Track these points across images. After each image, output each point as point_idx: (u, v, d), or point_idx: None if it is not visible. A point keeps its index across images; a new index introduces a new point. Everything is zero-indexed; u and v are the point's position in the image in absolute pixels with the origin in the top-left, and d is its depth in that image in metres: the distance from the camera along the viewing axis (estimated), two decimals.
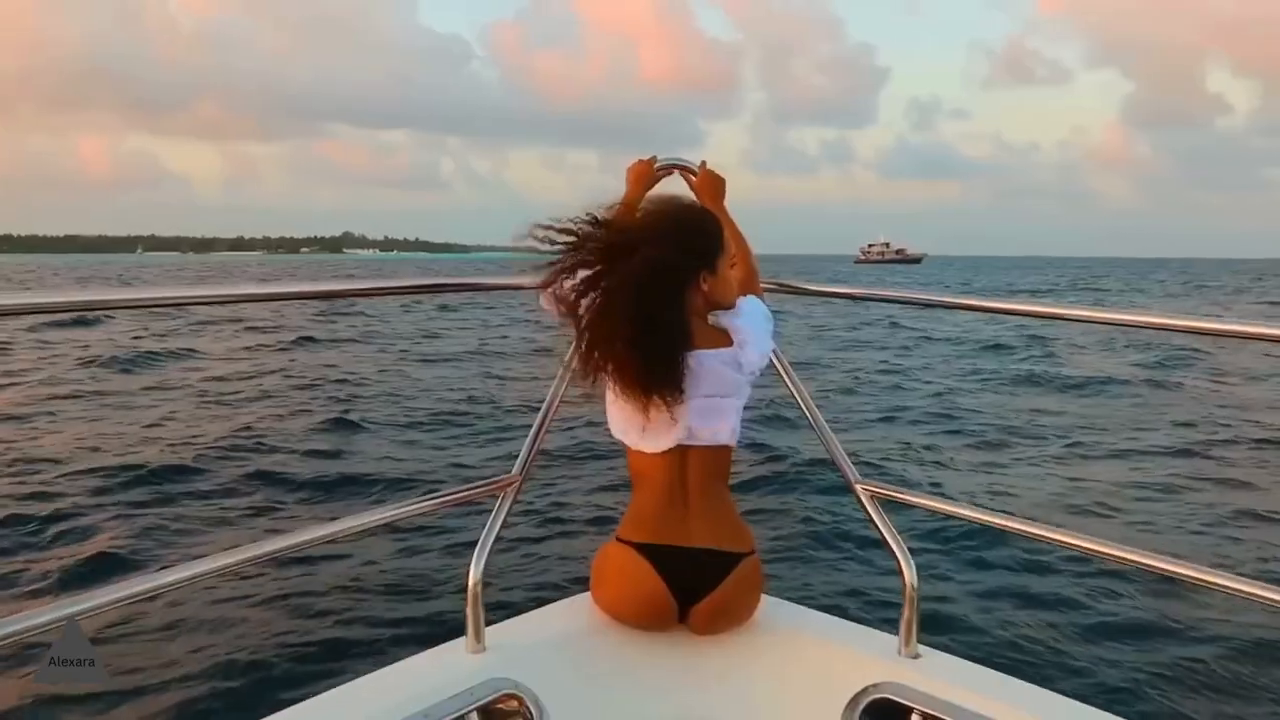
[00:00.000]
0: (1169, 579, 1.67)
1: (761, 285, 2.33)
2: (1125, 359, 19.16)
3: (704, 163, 2.40)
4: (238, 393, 14.02)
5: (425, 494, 2.05)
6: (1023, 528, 1.97)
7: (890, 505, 2.10)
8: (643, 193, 2.32)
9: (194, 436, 10.48)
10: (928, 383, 15.90)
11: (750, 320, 2.11)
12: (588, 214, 2.00)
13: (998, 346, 21.64)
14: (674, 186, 2.40)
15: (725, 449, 2.09)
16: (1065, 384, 15.83)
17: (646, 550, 2.02)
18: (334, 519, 1.82)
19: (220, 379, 15.44)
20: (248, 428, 10.94)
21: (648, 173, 2.37)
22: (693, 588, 2.02)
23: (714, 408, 2.03)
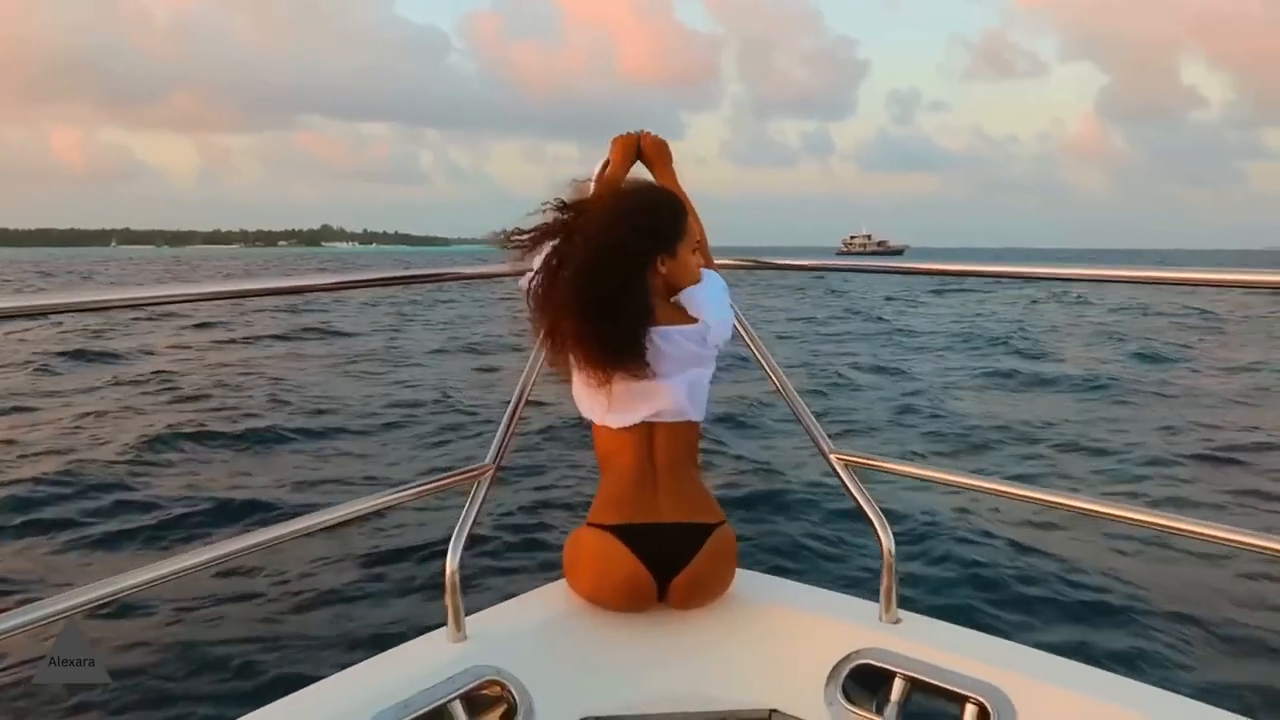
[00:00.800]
0: (1148, 531, 1.69)
1: (720, 261, 2.35)
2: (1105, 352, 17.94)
3: (643, 131, 2.42)
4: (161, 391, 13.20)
5: (399, 485, 2.03)
6: (997, 487, 1.98)
7: (865, 473, 2.11)
8: (628, 167, 2.37)
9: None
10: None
11: (707, 292, 2.13)
12: (556, 199, 2.07)
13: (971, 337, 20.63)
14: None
15: (693, 425, 2.12)
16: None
17: (619, 531, 2.03)
18: (306, 513, 1.80)
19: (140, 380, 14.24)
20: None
21: (634, 147, 2.40)
22: (668, 563, 2.03)
23: (679, 382, 2.05)
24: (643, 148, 2.40)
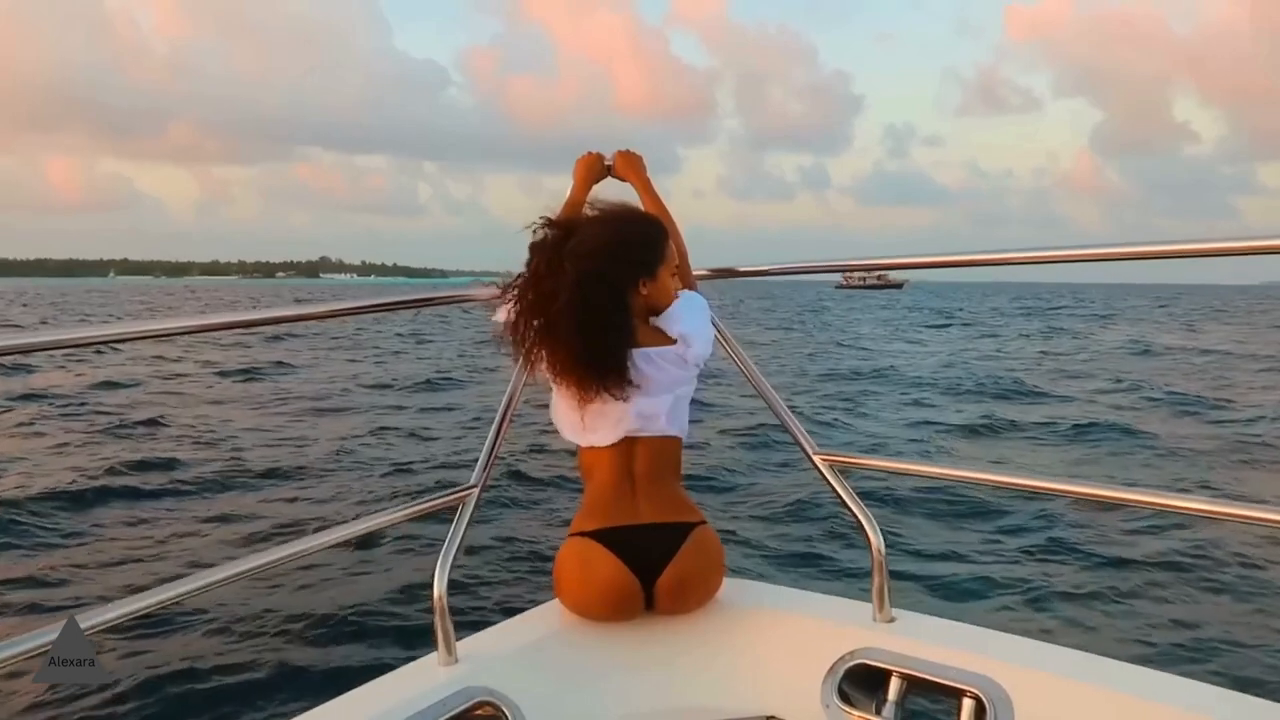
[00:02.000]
0: (1141, 512, 1.70)
1: (695, 273, 2.36)
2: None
3: (617, 151, 2.45)
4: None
5: (382, 509, 2.01)
6: (983, 476, 1.98)
7: (851, 473, 2.10)
8: (588, 187, 2.40)
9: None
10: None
11: (688, 315, 2.16)
12: (543, 218, 2.09)
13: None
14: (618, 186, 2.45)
15: (674, 440, 2.14)
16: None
17: (598, 535, 2.04)
18: (287, 540, 1.77)
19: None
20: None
21: (597, 166, 2.43)
22: (650, 563, 2.03)
23: (659, 402, 2.08)
24: (615, 170, 2.43)
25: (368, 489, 8.90)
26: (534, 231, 2.09)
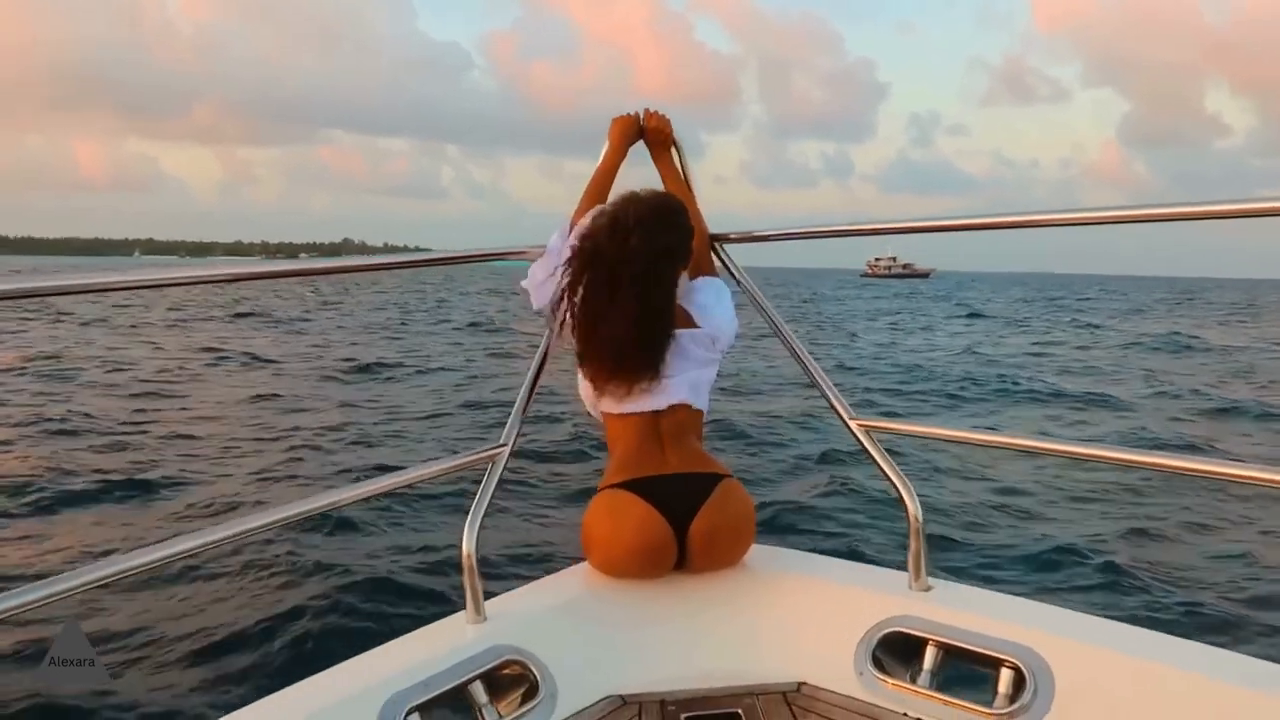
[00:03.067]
0: (1187, 479, 1.64)
1: (714, 235, 2.36)
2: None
3: (646, 110, 2.40)
4: None
5: (412, 466, 2.00)
6: (1023, 442, 1.93)
7: (889, 439, 2.06)
8: (624, 150, 2.38)
9: None
10: None
11: (712, 299, 2.21)
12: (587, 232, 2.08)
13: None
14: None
15: (697, 411, 2.16)
16: None
17: (628, 485, 2.03)
18: (316, 495, 1.77)
19: None
20: None
21: (633, 129, 2.39)
22: (681, 511, 2.01)
23: (683, 381, 2.11)
24: (645, 131, 2.39)
25: None
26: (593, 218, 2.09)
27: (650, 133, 2.38)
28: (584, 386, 2.15)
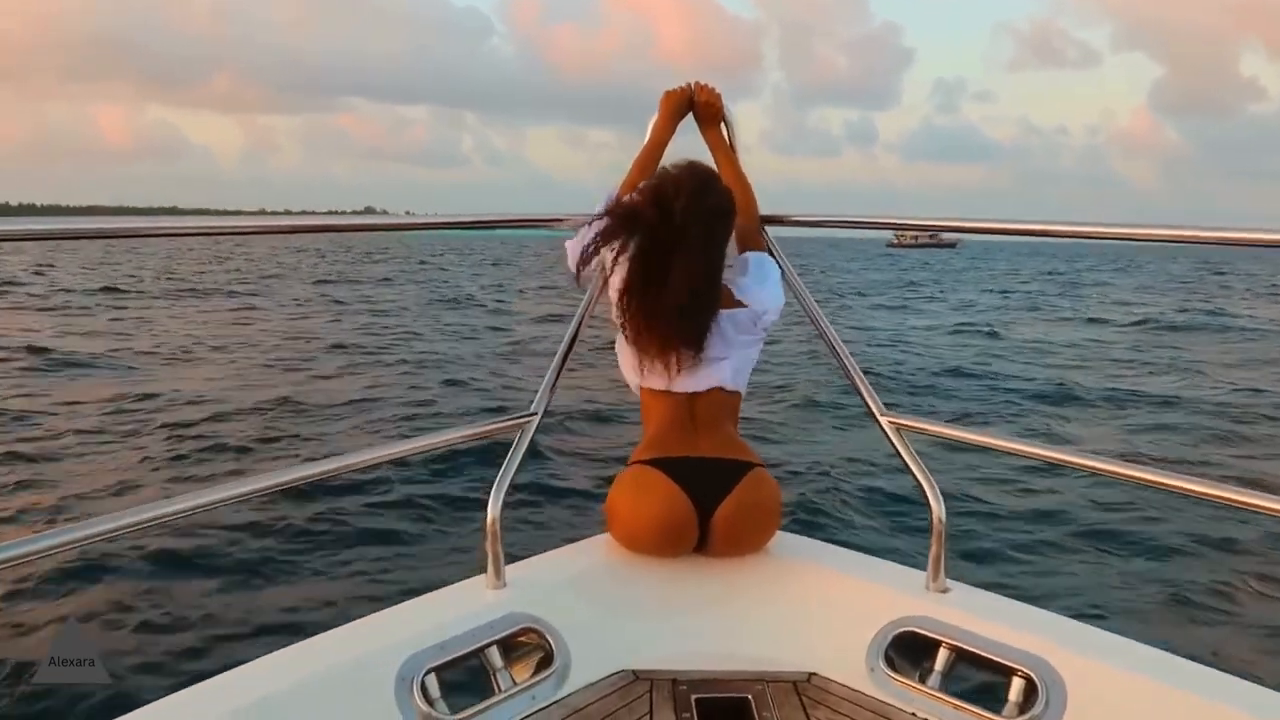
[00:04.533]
0: (1218, 506, 1.61)
1: (765, 218, 2.33)
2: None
3: (697, 84, 2.36)
4: None
5: (441, 430, 2.03)
6: (1055, 455, 1.91)
7: (917, 438, 2.05)
8: (676, 122, 2.35)
9: None
10: None
11: (760, 279, 2.18)
12: (633, 194, 2.09)
13: None
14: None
15: (735, 394, 2.16)
16: None
17: (657, 463, 2.04)
18: (346, 454, 1.80)
19: None
20: None
21: (685, 104, 2.35)
22: (707, 495, 2.02)
23: (727, 366, 2.11)
24: (696, 105, 2.36)
25: None
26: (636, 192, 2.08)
27: (701, 107, 2.35)
28: (624, 357, 2.15)
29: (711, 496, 2.01)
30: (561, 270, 2.15)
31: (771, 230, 2.34)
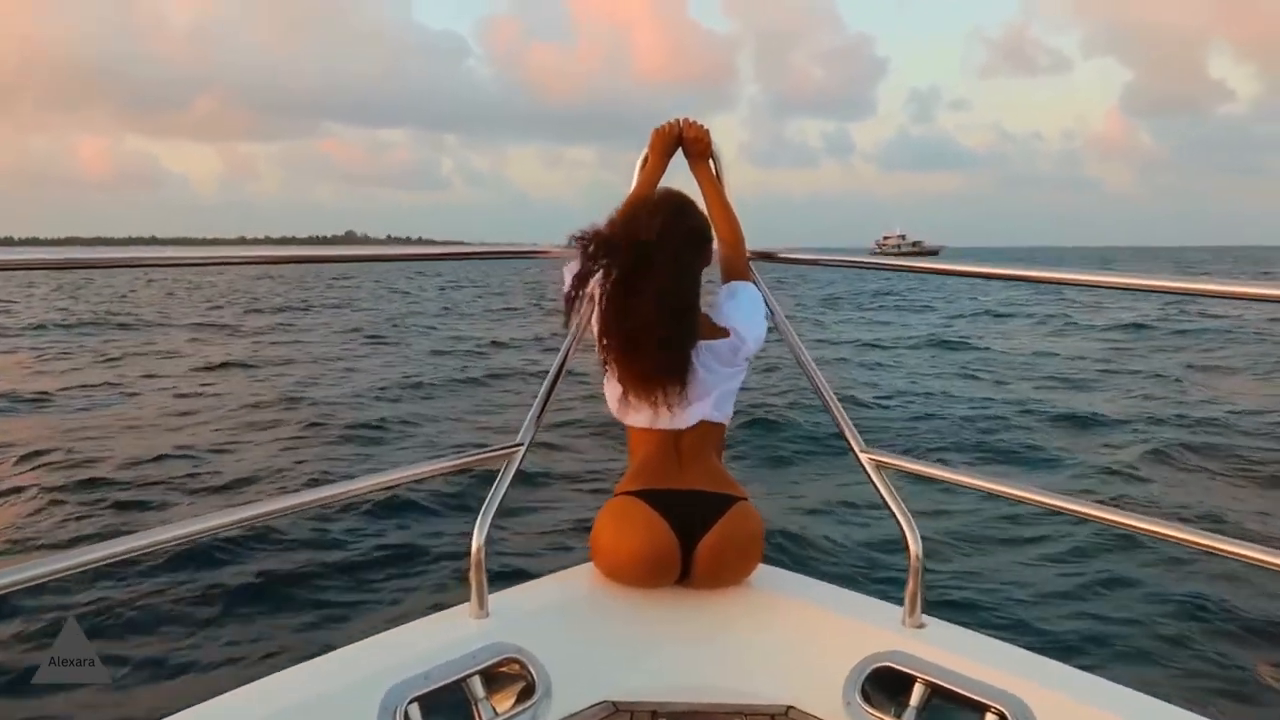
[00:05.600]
0: (1182, 548, 1.65)
1: (749, 253, 2.34)
2: None
3: (686, 120, 2.39)
4: None
5: (428, 460, 2.05)
6: (1032, 496, 1.95)
7: (896, 475, 2.09)
8: (667, 158, 2.36)
9: None
10: None
11: (743, 307, 2.18)
12: (606, 225, 2.07)
13: None
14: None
15: (719, 424, 2.17)
16: None
17: (642, 494, 2.07)
18: (334, 482, 1.82)
19: None
20: None
21: (674, 137, 2.37)
22: (691, 527, 2.04)
23: (711, 396, 2.11)
24: (685, 140, 2.38)
25: None
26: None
27: (689, 143, 2.37)
28: (610, 392, 2.17)
29: (695, 529, 2.04)
30: (552, 295, 2.17)
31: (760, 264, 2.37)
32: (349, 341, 20.68)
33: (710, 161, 2.40)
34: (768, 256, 2.37)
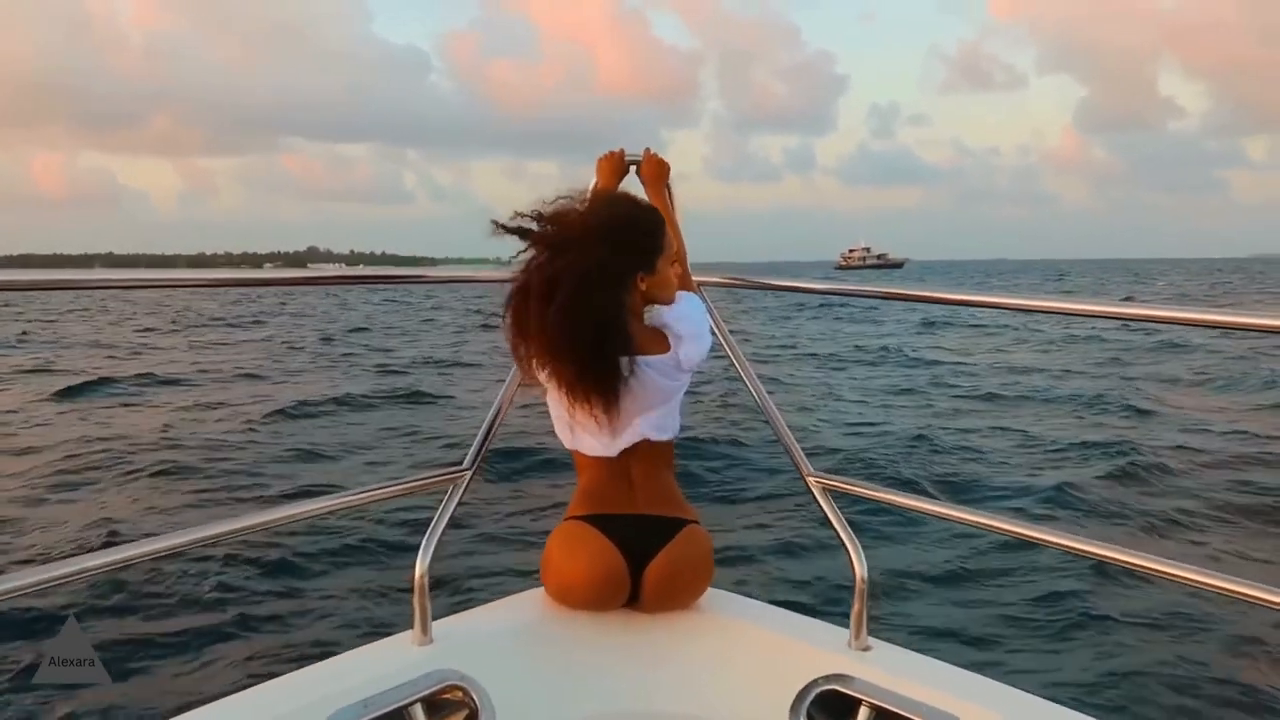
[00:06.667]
0: (1123, 570, 1.68)
1: (699, 280, 2.32)
2: None
3: (647, 150, 2.40)
4: None
5: (372, 485, 2.02)
6: (976, 519, 1.97)
7: (842, 497, 2.10)
8: (615, 184, 2.34)
9: None
10: None
11: (687, 317, 2.13)
12: (533, 210, 2.01)
13: None
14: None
15: (665, 442, 2.15)
16: None
17: (591, 519, 2.06)
18: (277, 505, 1.79)
19: None
20: None
21: (621, 164, 2.37)
22: (640, 551, 2.04)
23: (654, 412, 2.08)
24: (645, 164, 2.37)
25: None
26: (525, 219, 2.01)
27: (651, 164, 2.36)
28: (555, 415, 2.14)
29: (643, 553, 2.03)
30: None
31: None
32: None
33: (666, 188, 2.39)
34: (708, 280, 2.36)
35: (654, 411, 2.09)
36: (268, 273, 1.88)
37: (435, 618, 1.95)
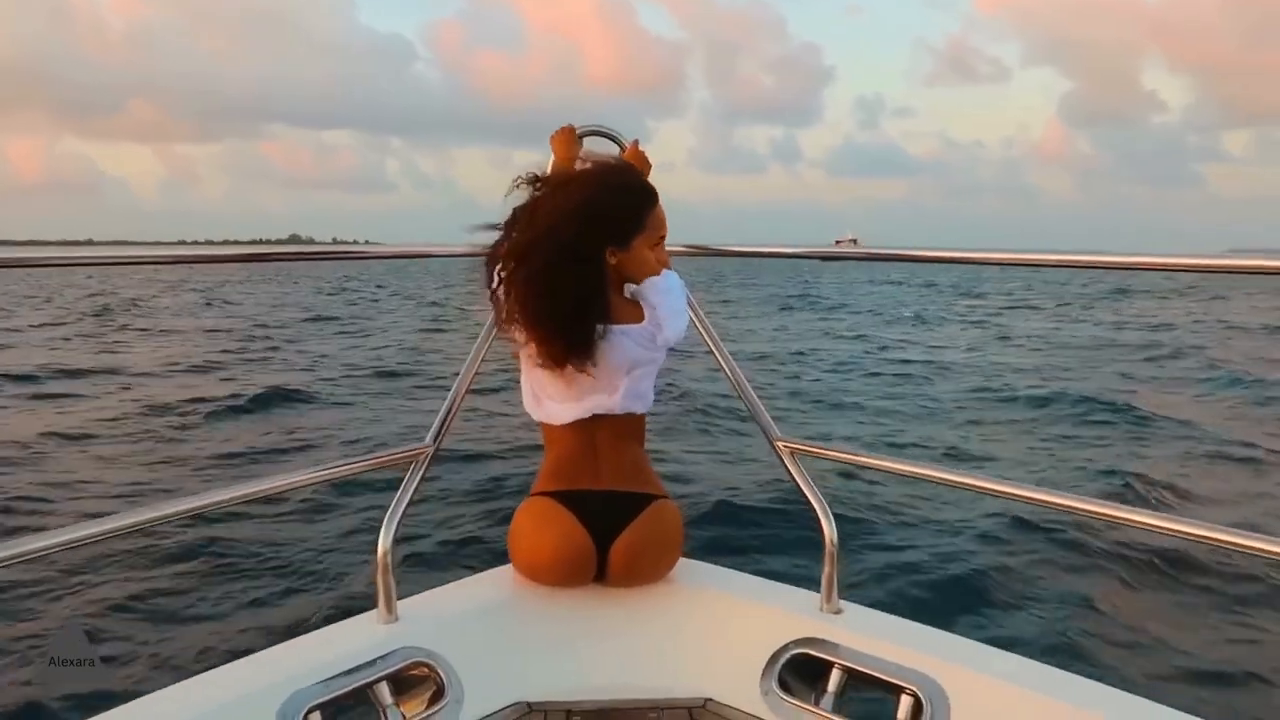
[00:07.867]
0: (1096, 522, 1.69)
1: (669, 251, 2.25)
2: None
3: (635, 141, 2.34)
4: None
5: (333, 462, 1.98)
6: (943, 475, 1.97)
7: (810, 461, 2.09)
8: (572, 156, 2.27)
9: None
10: None
11: (665, 294, 2.10)
12: (529, 173, 2.04)
13: None
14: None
15: (636, 416, 2.12)
16: None
17: (557, 495, 2.03)
18: (236, 483, 1.75)
19: None
20: None
21: (570, 138, 2.31)
22: (607, 528, 2.01)
23: (624, 382, 2.05)
24: (625, 152, 2.32)
25: None
26: (519, 187, 2.03)
27: (630, 159, 2.29)
28: (524, 385, 2.12)
29: (610, 529, 2.01)
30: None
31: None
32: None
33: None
34: (702, 251, 2.33)
35: (624, 380, 2.05)
36: (198, 250, 1.85)
37: (402, 598, 1.92)
